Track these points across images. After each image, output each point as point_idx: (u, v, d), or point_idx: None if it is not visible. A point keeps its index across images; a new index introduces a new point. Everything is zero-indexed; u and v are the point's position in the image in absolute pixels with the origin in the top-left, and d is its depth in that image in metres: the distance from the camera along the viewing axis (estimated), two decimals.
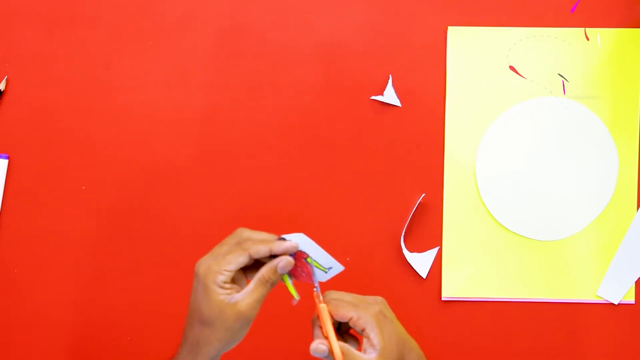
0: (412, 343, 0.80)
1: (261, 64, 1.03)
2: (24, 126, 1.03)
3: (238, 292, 0.75)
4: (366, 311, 0.77)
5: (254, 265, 0.78)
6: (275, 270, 0.76)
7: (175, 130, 1.03)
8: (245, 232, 0.78)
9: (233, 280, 0.76)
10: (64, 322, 1.03)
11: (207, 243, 1.02)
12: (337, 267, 0.78)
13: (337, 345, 0.76)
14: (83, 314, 1.03)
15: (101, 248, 1.03)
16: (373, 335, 0.76)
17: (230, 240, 0.78)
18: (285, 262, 0.76)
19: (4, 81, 1.03)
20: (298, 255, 0.78)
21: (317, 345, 0.76)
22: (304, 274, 0.78)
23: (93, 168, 1.03)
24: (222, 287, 0.74)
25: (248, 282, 0.77)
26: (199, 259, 1.06)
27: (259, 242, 0.76)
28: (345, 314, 0.77)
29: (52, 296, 1.03)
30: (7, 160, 1.02)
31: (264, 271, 0.76)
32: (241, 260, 0.75)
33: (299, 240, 0.77)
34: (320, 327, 0.77)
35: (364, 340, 0.77)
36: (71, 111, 1.03)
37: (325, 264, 0.78)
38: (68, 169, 1.03)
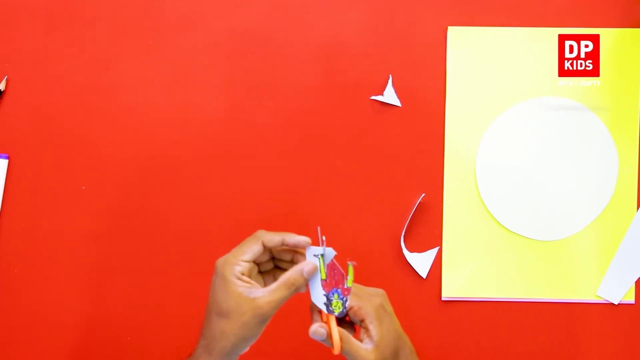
0: (405, 337, 0.82)
1: (261, 64, 1.03)
2: (24, 126, 1.03)
3: (257, 288, 0.75)
4: (368, 303, 0.78)
5: (272, 272, 0.79)
6: (301, 274, 0.77)
7: (176, 130, 1.03)
8: (261, 230, 0.79)
9: (251, 276, 0.76)
10: (64, 322, 1.03)
11: (206, 243, 1.03)
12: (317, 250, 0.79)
13: (336, 330, 0.77)
14: (83, 314, 1.03)
15: (101, 248, 1.03)
16: (372, 327, 0.77)
17: (246, 239, 0.78)
18: (311, 266, 0.77)
19: (4, 81, 1.03)
20: (328, 284, 0.78)
21: (317, 328, 0.77)
22: (337, 271, 0.78)
23: (93, 168, 1.03)
24: (239, 279, 0.75)
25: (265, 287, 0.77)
26: (199, 258, 1.06)
27: (272, 233, 0.77)
28: None
29: (52, 296, 1.03)
30: (7, 160, 1.02)
31: (290, 274, 0.76)
32: (255, 248, 0.76)
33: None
34: (320, 312, 0.78)
35: (362, 331, 0.78)
36: (71, 111, 1.03)
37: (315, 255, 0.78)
38: (68, 169, 1.03)
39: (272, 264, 0.80)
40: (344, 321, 0.81)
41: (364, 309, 0.78)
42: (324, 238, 0.78)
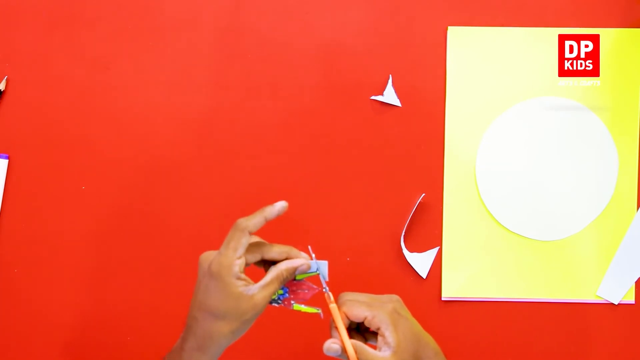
0: (428, 338, 0.81)
1: (261, 64, 1.03)
2: (24, 126, 1.03)
3: (252, 284, 0.76)
4: (380, 310, 0.78)
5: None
6: (294, 271, 0.78)
7: (176, 130, 1.03)
8: (241, 220, 0.79)
9: (244, 271, 0.77)
10: (64, 322, 1.03)
11: (206, 243, 1.02)
12: (319, 263, 0.80)
13: (349, 343, 0.76)
14: (83, 314, 1.03)
15: (101, 248, 1.03)
16: (388, 333, 0.77)
17: (230, 233, 0.78)
18: (305, 267, 0.79)
19: (4, 81, 1.03)
20: (290, 282, 0.80)
21: (330, 345, 0.77)
22: (306, 291, 0.79)
23: (93, 168, 1.03)
24: (239, 279, 0.76)
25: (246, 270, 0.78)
26: (198, 258, 1.06)
27: (251, 217, 0.78)
28: (360, 314, 0.78)
29: (52, 296, 1.03)
30: (7, 160, 1.02)
31: (282, 268, 0.78)
32: (243, 241, 0.77)
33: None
34: (337, 328, 0.78)
35: (379, 339, 0.78)
36: (71, 111, 1.03)
37: (313, 268, 0.80)
38: (68, 169, 1.03)
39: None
40: (369, 332, 0.81)
41: (378, 317, 0.78)
42: (314, 255, 0.79)
